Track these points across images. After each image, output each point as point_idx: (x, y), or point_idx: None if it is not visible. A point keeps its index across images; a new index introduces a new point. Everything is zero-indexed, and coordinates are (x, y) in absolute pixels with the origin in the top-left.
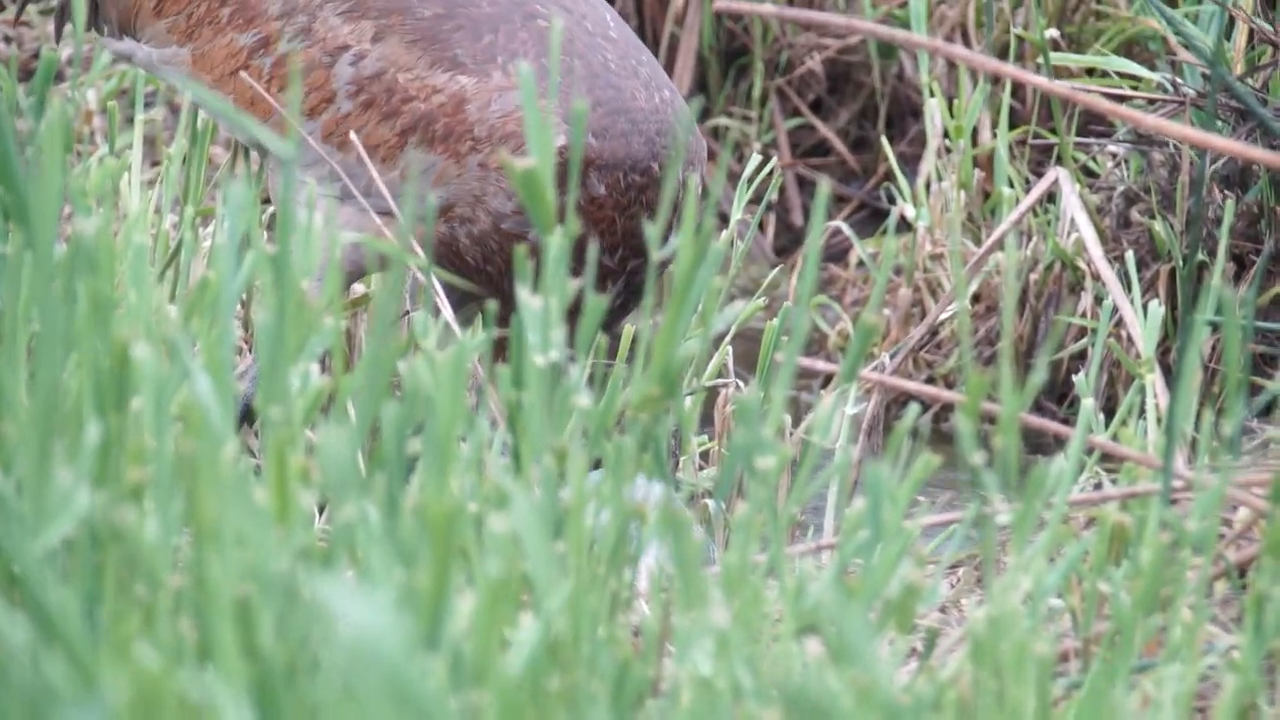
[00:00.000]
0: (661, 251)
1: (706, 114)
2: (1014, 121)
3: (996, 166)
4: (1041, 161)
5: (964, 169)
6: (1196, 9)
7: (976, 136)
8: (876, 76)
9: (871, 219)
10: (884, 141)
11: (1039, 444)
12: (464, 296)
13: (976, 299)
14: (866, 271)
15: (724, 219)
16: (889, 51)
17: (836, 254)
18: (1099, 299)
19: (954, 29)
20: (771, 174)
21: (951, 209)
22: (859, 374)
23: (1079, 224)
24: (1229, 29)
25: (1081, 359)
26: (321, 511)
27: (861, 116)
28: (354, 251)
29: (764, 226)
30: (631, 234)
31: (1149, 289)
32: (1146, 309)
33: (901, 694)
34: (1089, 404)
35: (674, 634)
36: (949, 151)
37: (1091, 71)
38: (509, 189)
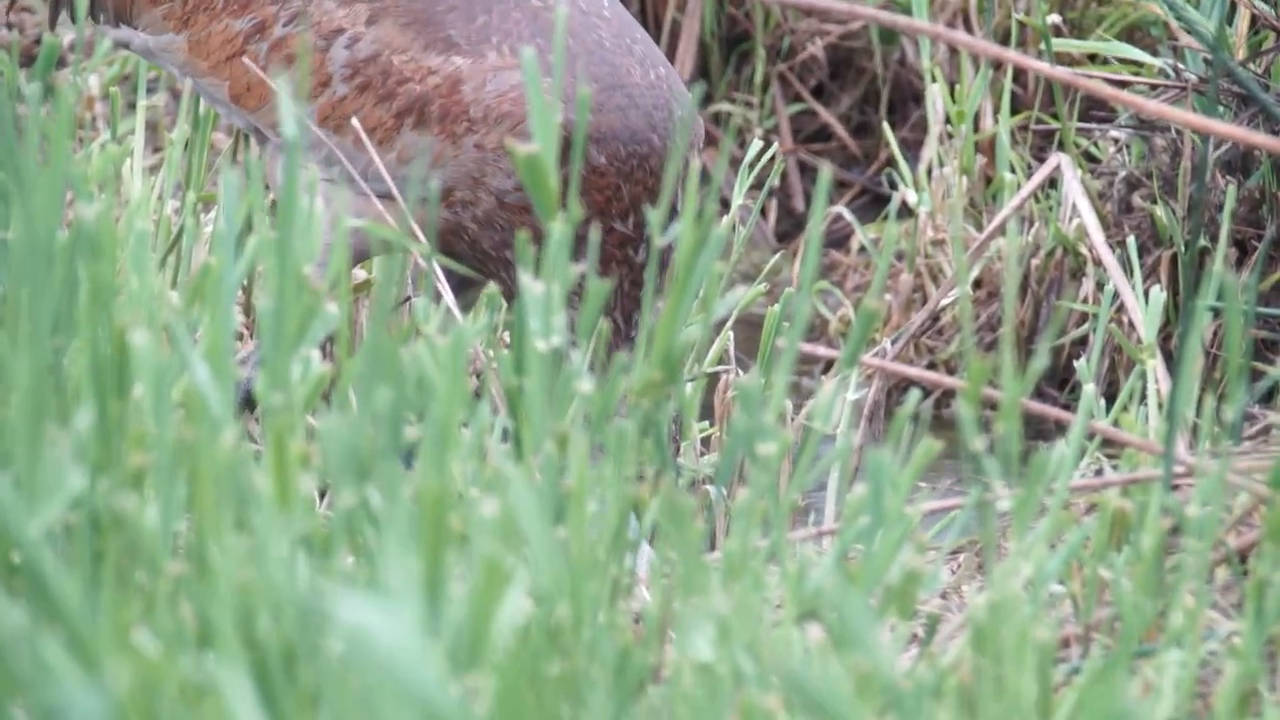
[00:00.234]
0: (663, 237)
1: (708, 100)
2: (1016, 107)
3: (998, 152)
4: (1043, 147)
5: (966, 154)
6: None
7: (978, 122)
8: (878, 62)
9: (873, 204)
10: (886, 127)
11: (1040, 430)
12: (464, 281)
13: (978, 284)
14: (868, 257)
15: (725, 204)
16: (891, 37)
17: (838, 240)
18: (1100, 284)
19: (956, 14)
20: (773, 159)
21: (953, 194)
22: (860, 360)
23: (1080, 209)
24: (1231, 14)
25: (1083, 344)
26: (323, 498)
27: (863, 102)
28: (355, 235)
29: (765, 212)
30: (641, 200)
31: (1150, 274)
32: (1148, 294)
33: (902, 680)
34: (1090, 389)
35: (675, 620)
36: (951, 137)
37: (1093, 57)
38: (507, 167)
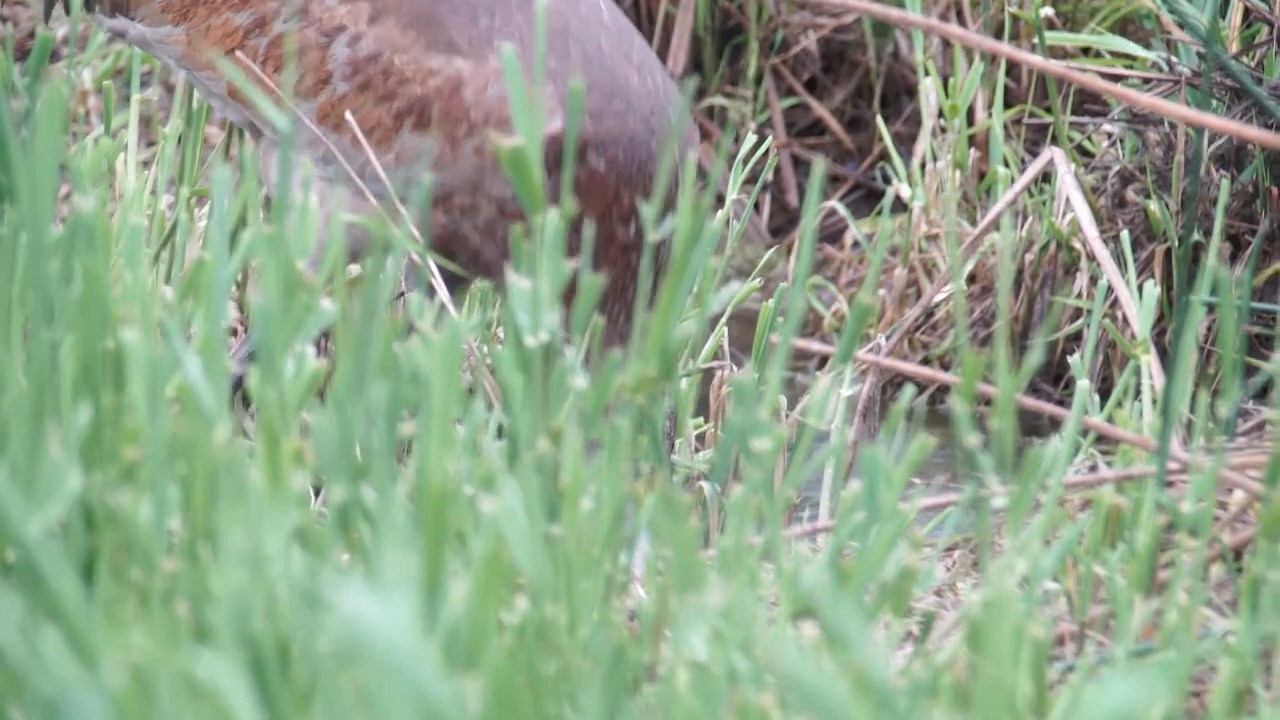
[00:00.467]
0: (657, 231)
1: (702, 94)
2: (1009, 101)
3: (992, 146)
4: (1037, 141)
5: (959, 149)
6: None
7: (972, 116)
8: (872, 55)
9: (867, 199)
10: (879, 121)
11: (1034, 426)
12: (454, 279)
13: (972, 279)
14: (862, 252)
15: (719, 199)
16: (884, 30)
17: (832, 234)
18: (1094, 279)
19: (949, 8)
20: (767, 154)
21: (947, 189)
22: (854, 355)
23: (1074, 204)
24: (1224, 7)
25: (1077, 340)
26: (318, 494)
27: (857, 96)
28: (352, 234)
29: (759, 207)
30: (641, 206)
31: (1144, 269)
32: (1142, 289)
33: (897, 678)
34: (1084, 385)
35: (670, 618)
36: (944, 131)
37: (1087, 50)
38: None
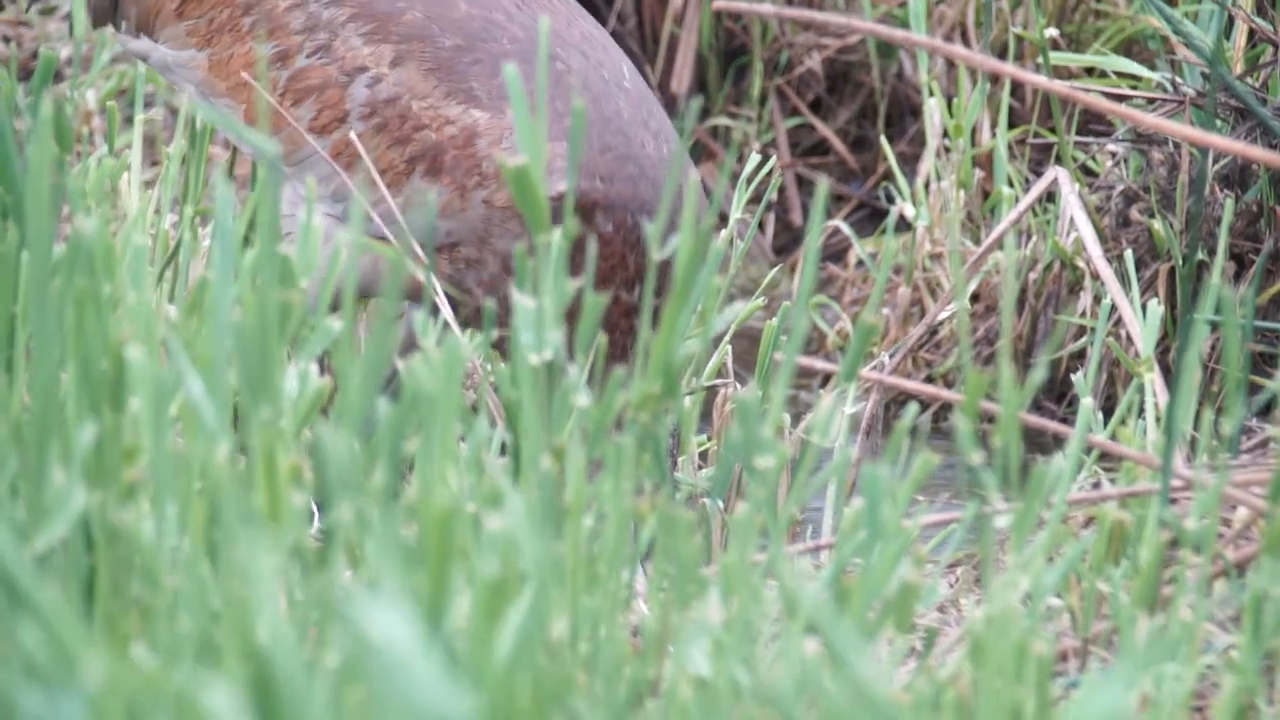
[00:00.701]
0: (661, 251)
1: (706, 114)
2: (1013, 121)
3: (996, 166)
4: (1041, 161)
5: (963, 168)
6: (1196, 8)
7: (976, 136)
8: (876, 76)
9: (871, 218)
10: (883, 141)
11: (1038, 443)
12: (455, 302)
13: (975, 298)
14: (866, 271)
15: (723, 218)
16: (888, 51)
17: (836, 253)
18: (1098, 298)
19: (953, 28)
20: (771, 173)
21: (951, 208)
22: (858, 373)
23: (1078, 223)
24: (1228, 28)
25: (1080, 358)
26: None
27: (861, 116)
28: (370, 267)
29: (763, 226)
30: (646, 271)
31: (1148, 288)
32: (1146, 308)
33: (900, 694)
34: (1088, 403)
35: (673, 634)
36: (948, 151)
37: (1091, 71)
38: (515, 229)
